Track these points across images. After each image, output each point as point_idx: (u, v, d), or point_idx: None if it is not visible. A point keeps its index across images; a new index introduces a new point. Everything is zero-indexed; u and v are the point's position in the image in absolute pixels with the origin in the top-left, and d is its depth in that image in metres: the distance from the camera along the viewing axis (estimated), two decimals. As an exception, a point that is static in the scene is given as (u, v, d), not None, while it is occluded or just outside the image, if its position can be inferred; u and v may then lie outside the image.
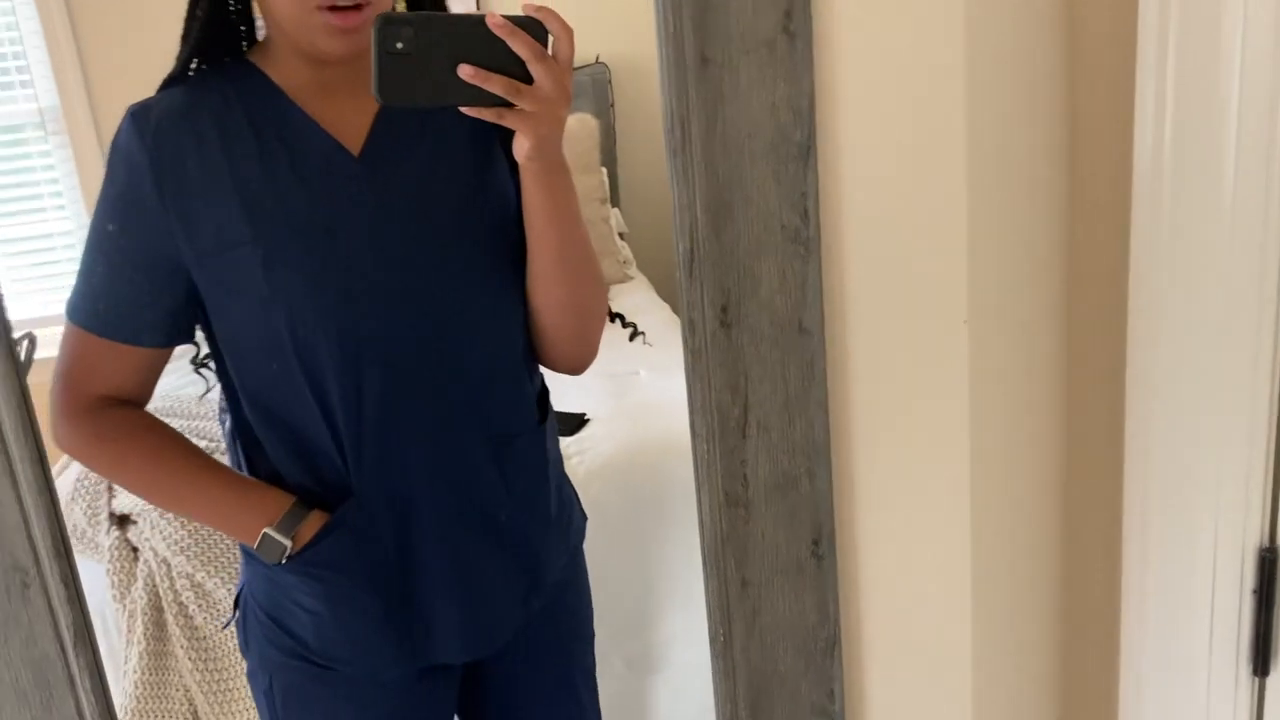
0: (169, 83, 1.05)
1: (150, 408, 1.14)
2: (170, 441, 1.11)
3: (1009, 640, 0.95)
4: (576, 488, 1.27)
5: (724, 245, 0.80)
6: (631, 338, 1.24)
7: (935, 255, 0.82)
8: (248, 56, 1.07)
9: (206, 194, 1.01)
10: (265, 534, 1.05)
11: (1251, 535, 0.84)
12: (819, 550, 0.86)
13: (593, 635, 1.31)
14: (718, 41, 0.76)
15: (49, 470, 0.72)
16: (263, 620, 1.15)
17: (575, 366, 1.16)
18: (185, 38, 1.05)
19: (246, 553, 1.15)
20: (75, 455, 1.10)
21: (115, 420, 1.08)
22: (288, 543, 1.05)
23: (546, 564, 1.17)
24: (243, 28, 1.07)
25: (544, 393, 1.19)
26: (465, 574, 1.12)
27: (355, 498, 1.07)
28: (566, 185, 0.99)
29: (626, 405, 2.25)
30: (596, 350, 1.15)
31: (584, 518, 1.28)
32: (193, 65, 1.06)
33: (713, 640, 0.87)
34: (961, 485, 0.86)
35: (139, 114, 1.02)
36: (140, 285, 1.04)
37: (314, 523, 1.06)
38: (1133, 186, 0.84)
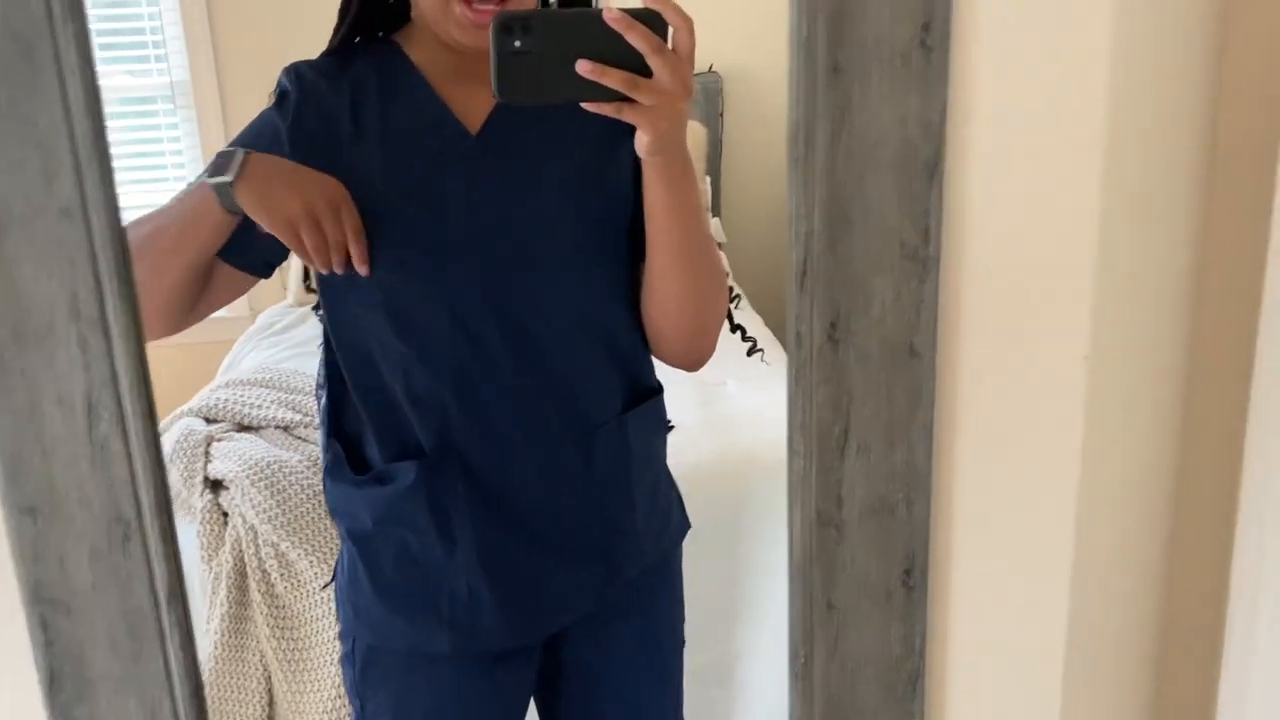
0: (325, 55, 1.11)
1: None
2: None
3: (1103, 695, 0.91)
4: (661, 492, 1.26)
5: (839, 259, 0.78)
6: (750, 353, 1.23)
7: (1060, 286, 0.79)
8: (394, 37, 1.10)
9: (327, 154, 1.05)
10: (211, 181, 0.99)
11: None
12: (910, 580, 0.83)
13: (681, 643, 1.31)
14: (851, 50, 0.74)
15: (157, 426, 0.74)
16: (344, 584, 1.18)
17: (690, 363, 1.16)
18: (341, 13, 1.11)
19: (335, 512, 1.19)
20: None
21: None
22: (235, 157, 0.99)
23: (620, 559, 1.17)
24: (396, 8, 1.11)
25: (646, 390, 1.18)
26: (518, 556, 1.13)
27: (427, 459, 1.09)
28: (688, 182, 0.99)
29: (713, 415, 2.24)
30: (713, 349, 1.14)
31: (685, 523, 1.28)
32: (355, 40, 1.11)
33: (792, 661, 0.85)
34: (1066, 528, 0.82)
35: (292, 67, 1.09)
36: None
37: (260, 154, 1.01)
38: (1271, 234, 0.79)
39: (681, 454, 2.13)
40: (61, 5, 0.66)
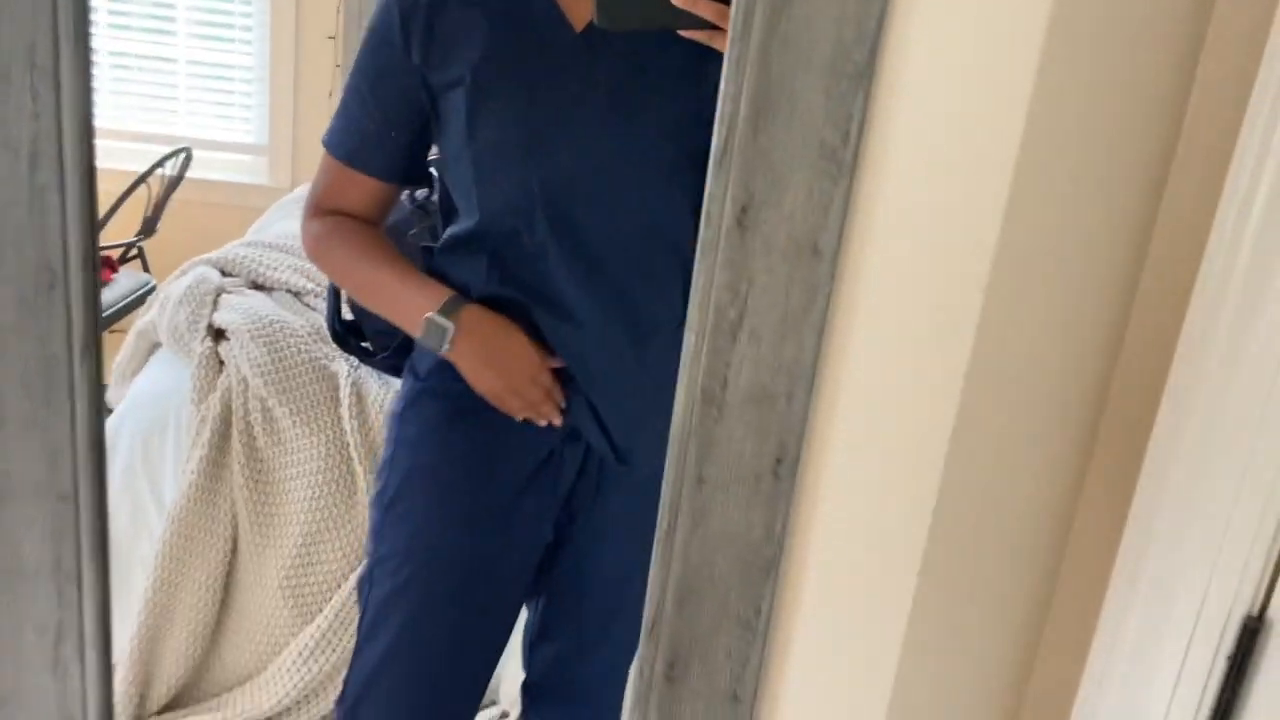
0: None
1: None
2: (372, 248, 1.26)
3: (956, 602, 0.93)
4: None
5: (759, 146, 0.80)
6: None
7: (970, 208, 0.81)
8: None
9: (442, 41, 1.13)
10: (428, 318, 1.18)
11: (1241, 603, 0.80)
12: (780, 470, 0.86)
13: None
14: (799, -58, 0.76)
15: (95, 184, 0.79)
16: (416, 371, 1.29)
17: None
18: None
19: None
20: (309, 254, 1.30)
21: (336, 227, 1.26)
22: (448, 324, 1.17)
23: (649, 445, 1.25)
24: None
25: None
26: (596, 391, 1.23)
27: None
28: None
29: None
30: None
31: None
32: None
33: (658, 527, 0.89)
34: (940, 441, 0.84)
35: None
36: (378, 119, 1.19)
37: (474, 310, 1.18)
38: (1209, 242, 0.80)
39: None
40: None
